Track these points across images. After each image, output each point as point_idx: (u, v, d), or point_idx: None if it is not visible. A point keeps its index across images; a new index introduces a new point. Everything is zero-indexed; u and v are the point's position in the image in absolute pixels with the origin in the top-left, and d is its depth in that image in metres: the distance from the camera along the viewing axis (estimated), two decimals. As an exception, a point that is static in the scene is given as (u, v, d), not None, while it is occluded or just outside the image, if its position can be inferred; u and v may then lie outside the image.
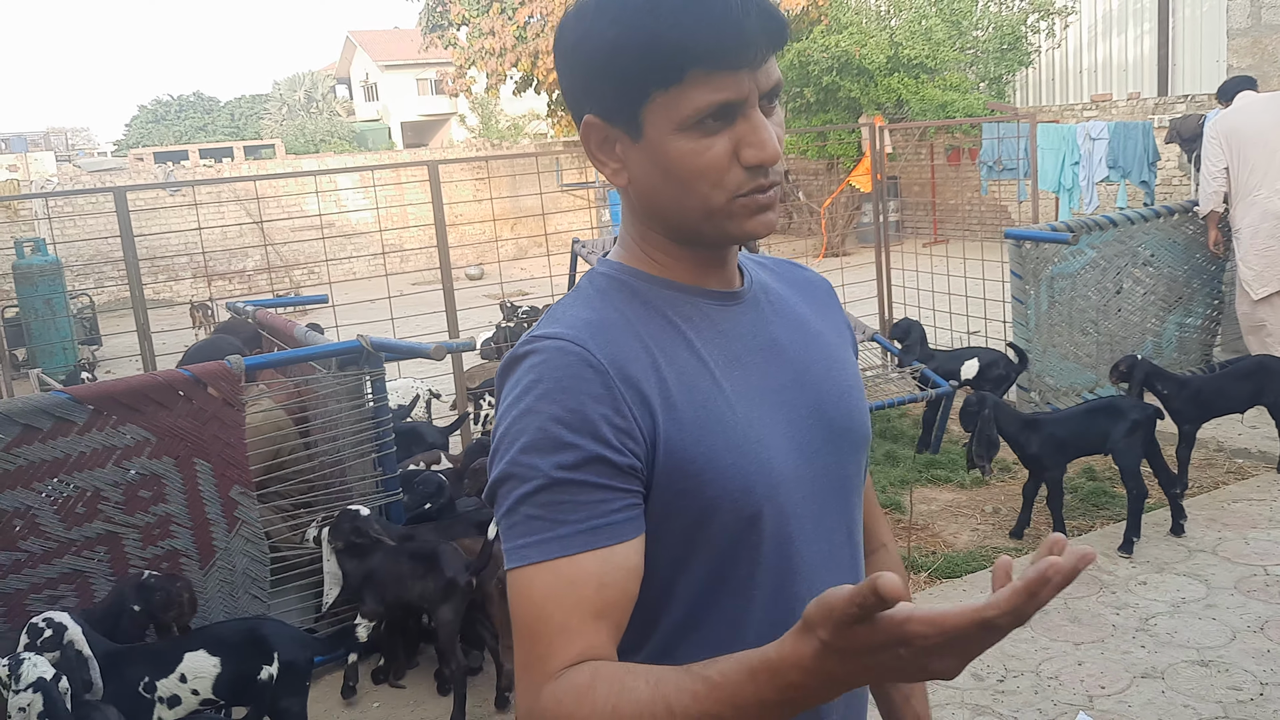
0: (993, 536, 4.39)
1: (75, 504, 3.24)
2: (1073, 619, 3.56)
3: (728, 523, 0.97)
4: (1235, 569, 3.83)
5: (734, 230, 0.98)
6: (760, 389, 1.02)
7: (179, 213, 14.62)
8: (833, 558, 1.06)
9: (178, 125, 40.98)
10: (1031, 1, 14.43)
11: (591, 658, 0.88)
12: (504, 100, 24.04)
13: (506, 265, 13.85)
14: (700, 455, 0.95)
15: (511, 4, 16.04)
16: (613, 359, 0.94)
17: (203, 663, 2.81)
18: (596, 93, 0.96)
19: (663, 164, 0.95)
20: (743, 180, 0.95)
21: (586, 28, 0.95)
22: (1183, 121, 10.60)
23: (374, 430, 3.74)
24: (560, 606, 0.88)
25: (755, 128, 0.93)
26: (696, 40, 0.89)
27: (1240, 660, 3.21)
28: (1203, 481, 4.76)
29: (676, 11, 0.89)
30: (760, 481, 0.97)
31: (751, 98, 0.93)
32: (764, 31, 0.92)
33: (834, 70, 13.55)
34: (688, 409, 0.96)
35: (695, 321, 1.01)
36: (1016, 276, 5.44)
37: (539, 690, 0.87)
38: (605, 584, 0.90)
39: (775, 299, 1.10)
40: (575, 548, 0.89)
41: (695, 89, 0.91)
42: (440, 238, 5.61)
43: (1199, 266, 6.01)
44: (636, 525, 0.93)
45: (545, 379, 0.92)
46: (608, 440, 0.91)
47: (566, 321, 0.97)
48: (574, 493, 0.90)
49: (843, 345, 1.14)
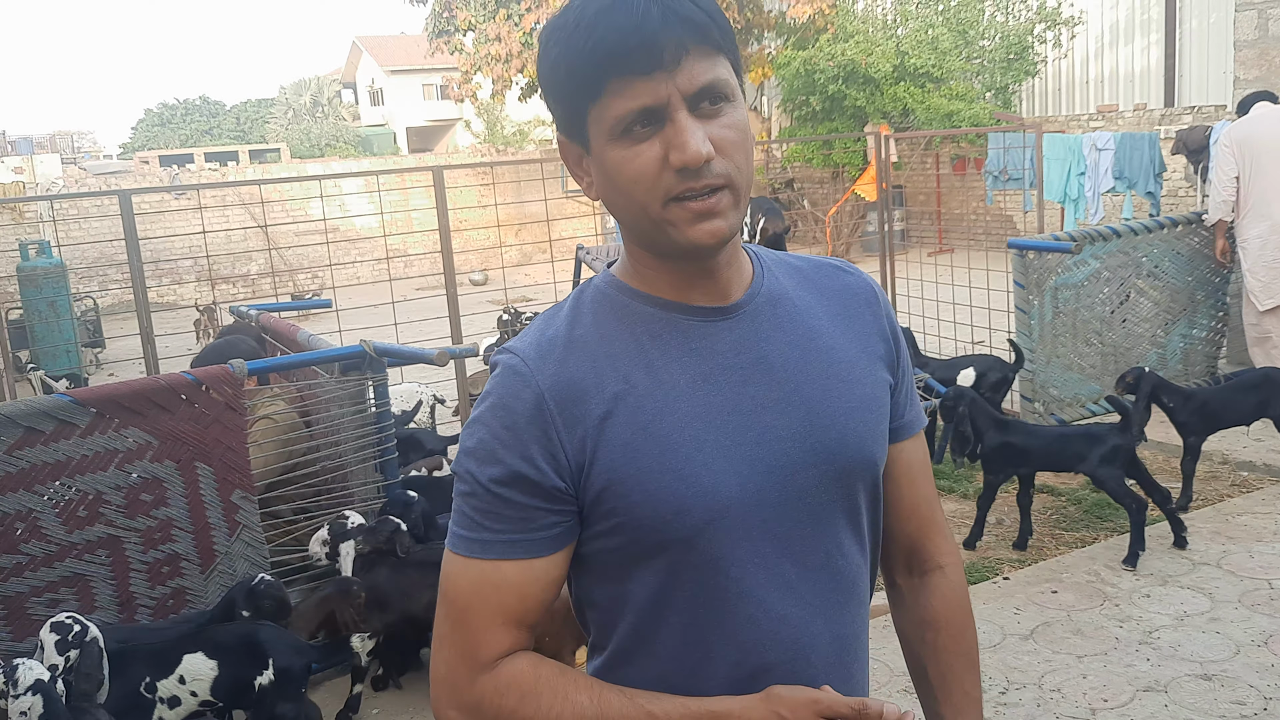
0: (996, 547, 4.37)
1: (77, 507, 3.24)
2: (1076, 631, 3.54)
3: (663, 543, 0.99)
4: (1240, 582, 3.81)
5: (678, 239, 0.96)
6: (727, 409, 1.00)
7: (183, 216, 14.66)
8: (805, 581, 1.03)
9: (183, 129, 41.11)
10: (1039, 11, 14.43)
11: (518, 650, 0.99)
12: (509, 106, 24.08)
13: (510, 271, 13.86)
14: (630, 477, 0.97)
15: (518, 10, 16.08)
16: (556, 381, 0.98)
17: (201, 665, 2.82)
18: (555, 113, 1.02)
19: (606, 174, 0.98)
20: (673, 183, 0.94)
21: (542, 49, 0.99)
22: (1189, 133, 10.59)
23: (376, 435, 3.73)
24: (487, 605, 0.99)
25: (678, 130, 0.93)
26: (607, 51, 0.92)
27: (1244, 674, 3.19)
28: (1207, 494, 4.73)
29: (591, 26, 0.92)
30: (698, 505, 0.98)
31: (674, 100, 0.92)
32: (669, 32, 0.91)
33: (840, 79, 13.56)
34: (626, 431, 0.98)
35: (665, 339, 1.01)
36: (1020, 286, 5.43)
37: (474, 676, 0.98)
38: (525, 594, 0.99)
39: (785, 310, 1.06)
40: (496, 554, 0.98)
41: (614, 99, 0.93)
42: (444, 243, 5.61)
43: (1204, 278, 5.99)
44: (558, 541, 0.99)
45: (494, 394, 1.00)
46: (533, 460, 0.97)
47: (530, 338, 1.03)
48: (500, 506, 0.98)
49: (866, 359, 1.09)
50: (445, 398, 6.04)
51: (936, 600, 1.18)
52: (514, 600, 0.98)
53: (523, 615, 0.99)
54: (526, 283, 14.13)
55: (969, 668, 1.18)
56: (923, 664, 1.18)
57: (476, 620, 0.99)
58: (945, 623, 1.18)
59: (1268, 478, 4.87)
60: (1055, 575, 3.98)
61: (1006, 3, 14.55)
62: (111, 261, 14.47)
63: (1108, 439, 4.10)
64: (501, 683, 0.97)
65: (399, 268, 15.52)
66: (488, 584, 0.98)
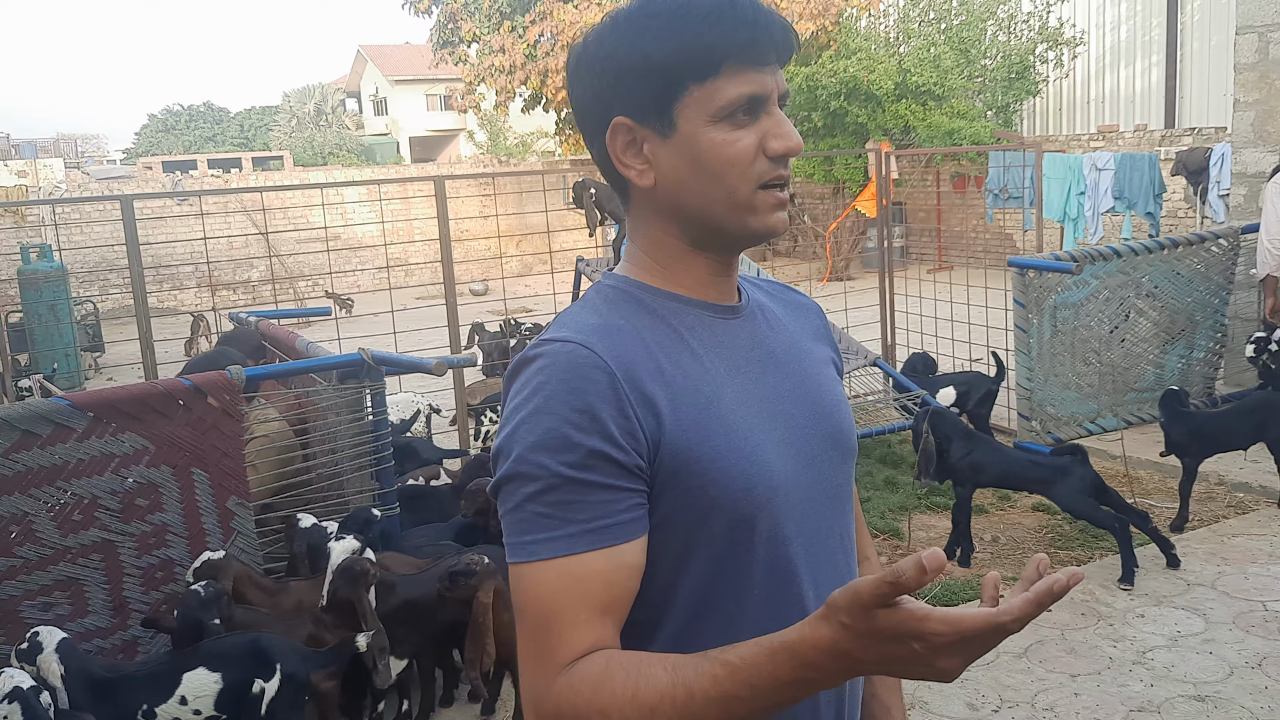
0: (990, 565, 4.36)
1: (72, 511, 3.23)
2: (1070, 650, 3.53)
3: (728, 523, 1.00)
4: (1234, 604, 3.80)
5: (755, 224, 1.04)
6: (760, 397, 1.06)
7: (185, 222, 14.68)
8: (829, 561, 1.09)
9: (187, 135, 41.18)
10: (1040, 31, 14.51)
11: (601, 649, 0.92)
12: (512, 117, 24.17)
13: (511, 282, 13.88)
14: (704, 456, 0.98)
15: (522, 22, 16.16)
16: (619, 361, 0.97)
17: (203, 680, 2.76)
18: (628, 95, 1.02)
19: (694, 155, 1.01)
20: (766, 169, 1.02)
21: (619, 37, 1.02)
22: (1189, 154, 10.64)
23: (373, 444, 3.73)
24: (569, 602, 0.92)
25: (779, 121, 1.02)
26: (731, 37, 0.99)
27: (1238, 696, 3.19)
28: (1203, 515, 4.73)
29: (709, 13, 0.99)
30: (760, 484, 1.01)
31: (774, 95, 1.02)
32: (784, 37, 1.03)
33: (842, 95, 13.61)
34: (692, 411, 0.99)
35: (698, 331, 1.06)
36: (1020, 305, 5.44)
37: (551, 680, 0.91)
38: (612, 582, 0.94)
39: (770, 316, 1.15)
40: (583, 546, 0.93)
41: (729, 82, 1.00)
42: (445, 253, 5.62)
43: (1202, 300, 6.00)
44: (641, 525, 0.96)
45: (553, 380, 0.96)
46: (615, 440, 0.94)
47: (574, 326, 1.01)
48: (582, 492, 0.93)
49: (827, 367, 1.19)
50: (441, 407, 6.04)
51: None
52: (600, 590, 0.93)
53: (609, 605, 0.93)
54: (526, 294, 14.16)
55: None
56: None
57: (560, 623, 0.92)
58: None
59: (1264, 499, 4.87)
60: (1050, 594, 3.97)
61: (1009, 22, 14.63)
62: (112, 266, 14.48)
63: (1072, 469, 4.11)
64: (576, 679, 0.90)
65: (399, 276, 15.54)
66: (571, 579, 0.92)
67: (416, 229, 15.46)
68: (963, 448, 4.33)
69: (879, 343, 7.26)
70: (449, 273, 5.64)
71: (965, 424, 4.65)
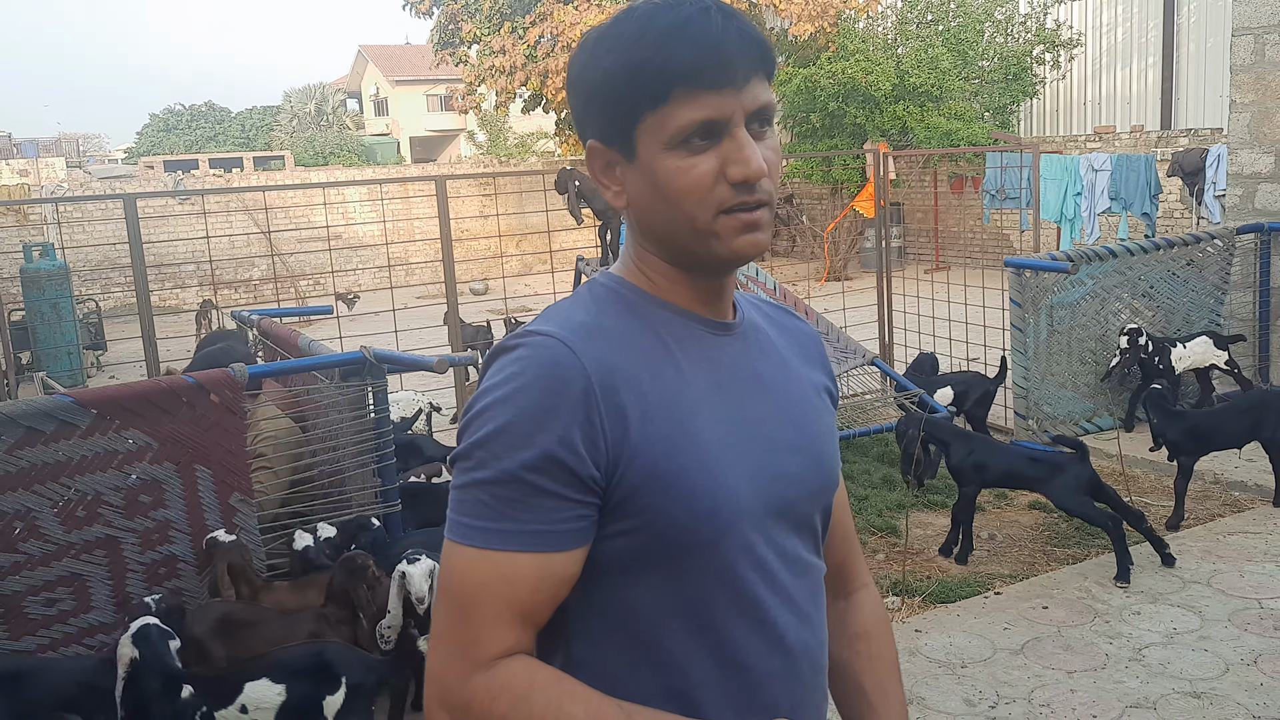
0: (987, 563, 4.39)
1: (76, 508, 3.25)
2: (1066, 647, 3.56)
3: (690, 544, 0.97)
4: (1230, 601, 3.83)
5: (722, 250, 1.00)
6: (740, 418, 1.03)
7: (187, 221, 14.70)
8: (794, 589, 1.06)
9: (188, 134, 41.13)
10: (1038, 33, 14.54)
11: (519, 652, 0.94)
12: (512, 118, 24.20)
13: (511, 281, 13.89)
14: (668, 473, 0.96)
15: (522, 23, 16.18)
16: (599, 365, 0.95)
17: (265, 692, 2.70)
18: (596, 118, 1.02)
19: (653, 182, 0.99)
20: (727, 196, 0.97)
21: (587, 58, 1.01)
22: (1185, 155, 10.67)
23: (375, 441, 3.76)
24: (493, 599, 0.93)
25: (740, 145, 0.97)
26: (679, 61, 0.95)
27: (1233, 693, 3.21)
28: (1198, 513, 4.76)
29: (662, 37, 0.95)
30: (725, 506, 0.98)
31: (736, 117, 0.97)
32: (744, 54, 0.97)
33: (840, 96, 13.65)
34: (664, 425, 0.97)
35: (685, 343, 1.03)
36: (1016, 305, 5.47)
37: (467, 674, 0.92)
38: (538, 589, 0.94)
39: (764, 339, 1.12)
40: (517, 546, 0.93)
41: (680, 108, 0.96)
42: (446, 252, 5.65)
43: (1198, 300, 6.02)
44: (579, 537, 0.95)
45: (528, 373, 0.94)
46: (573, 447, 0.92)
47: (560, 321, 1.00)
48: (527, 493, 0.92)
49: (819, 394, 1.16)
50: (441, 405, 6.07)
51: (864, 615, 1.25)
52: (526, 594, 0.93)
53: (531, 612, 0.94)
54: (526, 293, 14.18)
55: (897, 674, 1.24)
56: (857, 675, 1.22)
57: (481, 615, 0.93)
58: (874, 634, 1.24)
59: (1259, 498, 4.90)
60: (1046, 591, 4.00)
61: (1006, 24, 14.66)
62: (114, 265, 14.50)
63: (1068, 467, 4.15)
64: (495, 685, 0.91)
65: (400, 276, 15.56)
66: (499, 577, 0.93)
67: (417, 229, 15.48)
68: (964, 449, 4.37)
69: (876, 342, 7.29)
70: (450, 272, 5.67)
71: (961, 426, 4.68)
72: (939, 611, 3.91)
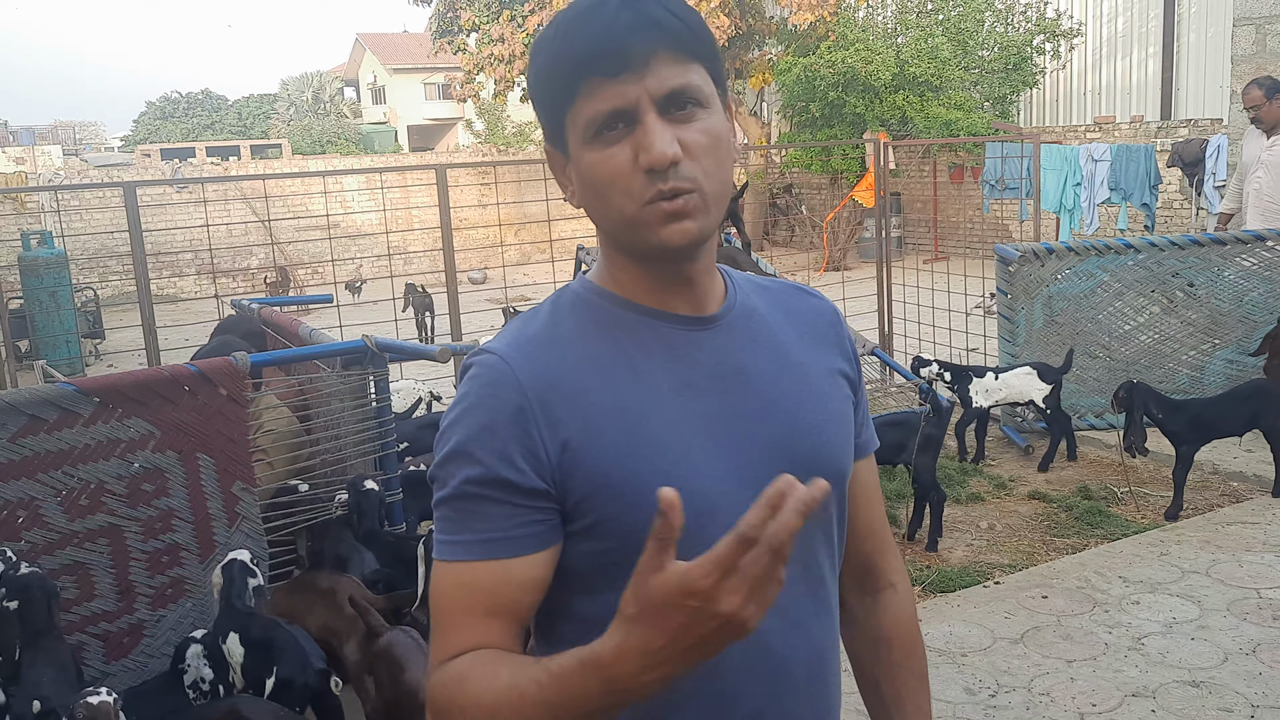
0: (987, 552, 4.41)
1: (78, 496, 3.25)
2: (1065, 636, 3.58)
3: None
4: (1228, 591, 3.85)
5: (651, 239, 0.97)
6: (711, 416, 1.01)
7: (185, 209, 14.67)
8: (789, 594, 0.97)
9: (185, 123, 41.02)
10: (1038, 23, 14.51)
11: (483, 648, 0.95)
12: (511, 106, 24.12)
13: (510, 270, 13.87)
14: (622, 479, 0.96)
15: (521, 11, 16.13)
16: (537, 379, 0.97)
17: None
18: (542, 122, 1.04)
19: (583, 177, 1.00)
20: (644, 186, 0.95)
21: (530, 63, 1.03)
22: (1185, 145, 10.67)
23: (377, 430, 3.76)
24: (455, 606, 0.97)
25: (646, 131, 0.94)
26: (577, 54, 0.95)
27: (1232, 682, 3.23)
28: (1197, 504, 4.78)
29: (565, 32, 0.96)
30: (689, 508, 0.90)
31: (642, 104, 0.94)
32: (640, 37, 0.94)
33: (840, 86, 13.62)
34: (614, 432, 0.97)
35: (648, 345, 1.02)
36: (1002, 293, 5.48)
37: (432, 674, 0.97)
38: (496, 593, 0.97)
39: (758, 325, 1.08)
40: (475, 555, 0.97)
41: (587, 101, 0.96)
42: (445, 241, 5.64)
43: (1261, 301, 5.61)
44: (538, 541, 0.97)
45: (472, 394, 0.99)
46: (512, 461, 0.95)
47: (509, 337, 1.03)
48: (478, 505, 0.96)
49: (831, 376, 1.11)
50: (442, 395, 6.07)
51: (889, 618, 1.21)
52: (484, 599, 0.96)
53: (493, 612, 0.96)
54: (525, 282, 14.16)
55: (921, 684, 1.20)
56: (876, 681, 1.20)
57: (448, 620, 0.97)
58: (899, 639, 1.20)
59: (1258, 488, 4.92)
60: (1046, 580, 4.02)
61: (1006, 14, 14.63)
62: (112, 253, 14.48)
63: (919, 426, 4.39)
64: (446, 675, 0.94)
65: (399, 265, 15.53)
66: (460, 584, 0.97)
67: (415, 217, 15.46)
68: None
69: (876, 332, 7.30)
70: (450, 261, 5.67)
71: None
72: (938, 600, 3.93)
